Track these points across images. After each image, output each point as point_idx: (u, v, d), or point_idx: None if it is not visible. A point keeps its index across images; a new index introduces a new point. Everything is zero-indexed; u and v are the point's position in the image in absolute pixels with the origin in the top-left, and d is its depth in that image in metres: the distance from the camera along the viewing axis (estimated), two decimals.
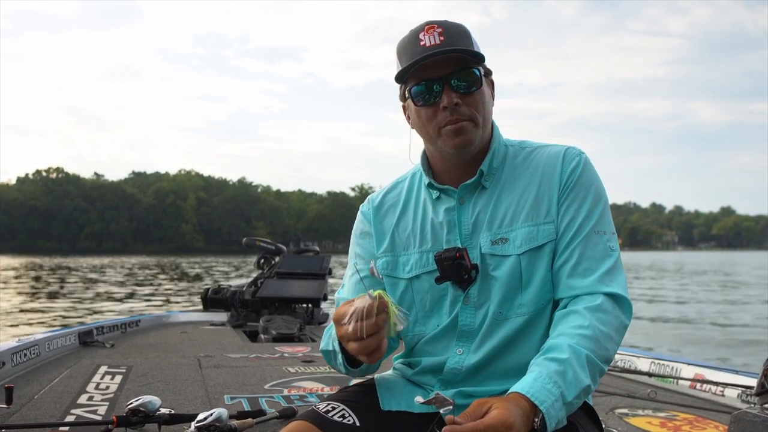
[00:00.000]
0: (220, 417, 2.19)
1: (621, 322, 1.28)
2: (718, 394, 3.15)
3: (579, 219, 1.33)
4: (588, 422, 1.33)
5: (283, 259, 6.97)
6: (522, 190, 1.37)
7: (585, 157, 1.38)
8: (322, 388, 3.26)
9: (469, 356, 1.35)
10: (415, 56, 1.30)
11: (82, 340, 4.43)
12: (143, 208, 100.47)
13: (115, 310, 13.33)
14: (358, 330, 1.13)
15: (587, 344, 1.20)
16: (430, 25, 1.32)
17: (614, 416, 2.81)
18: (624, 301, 1.29)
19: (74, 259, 54.22)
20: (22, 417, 2.57)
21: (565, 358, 1.17)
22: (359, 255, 1.51)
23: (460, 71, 1.32)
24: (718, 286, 23.61)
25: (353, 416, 1.30)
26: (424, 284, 1.40)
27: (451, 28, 1.33)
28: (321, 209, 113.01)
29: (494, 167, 1.40)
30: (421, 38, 1.31)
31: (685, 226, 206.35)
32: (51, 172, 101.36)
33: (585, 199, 1.34)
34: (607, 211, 1.37)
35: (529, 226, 1.33)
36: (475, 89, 1.33)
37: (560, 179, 1.35)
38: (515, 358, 1.33)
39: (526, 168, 1.39)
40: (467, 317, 1.36)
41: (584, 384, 1.16)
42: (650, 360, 3.68)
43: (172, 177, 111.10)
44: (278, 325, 5.38)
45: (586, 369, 1.18)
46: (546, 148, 1.42)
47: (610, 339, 1.24)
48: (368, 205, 1.53)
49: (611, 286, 1.28)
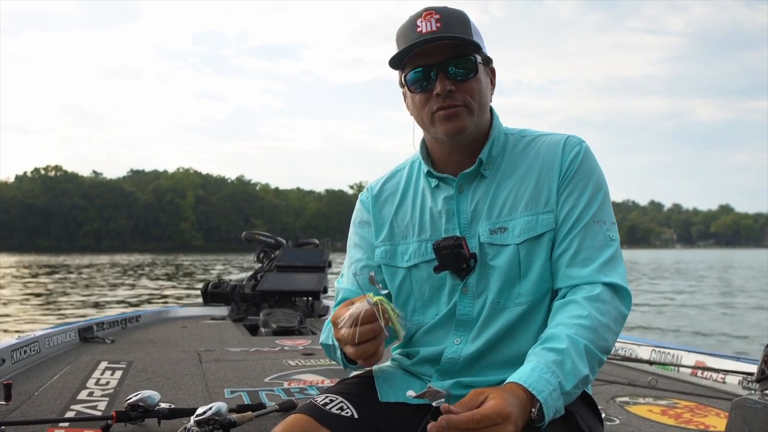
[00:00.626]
0: (219, 411, 2.18)
1: (620, 312, 1.27)
2: (719, 381, 3.15)
3: (579, 208, 1.32)
4: (587, 412, 1.32)
5: (282, 253, 6.96)
6: (521, 178, 1.36)
7: (586, 146, 1.37)
8: (322, 381, 3.25)
9: (467, 346, 1.34)
10: (411, 42, 1.29)
11: (82, 336, 4.42)
12: (142, 206, 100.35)
13: (114, 306, 13.34)
14: (352, 335, 1.14)
15: (586, 334, 1.19)
16: (428, 12, 1.31)
17: (615, 405, 2.80)
18: (623, 291, 1.28)
19: (72, 257, 54.07)
20: (22, 413, 2.56)
21: (564, 348, 1.16)
22: (357, 244, 1.50)
23: (456, 58, 1.30)
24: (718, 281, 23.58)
25: (351, 408, 1.30)
26: (422, 273, 1.39)
27: (450, 14, 1.31)
28: (319, 207, 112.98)
29: (494, 156, 1.39)
30: (419, 24, 1.30)
31: (684, 224, 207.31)
32: (50, 170, 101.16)
33: (585, 188, 1.33)
34: (607, 201, 1.36)
35: (528, 215, 1.32)
36: (472, 76, 1.32)
37: (560, 168, 1.34)
38: (513, 348, 1.32)
39: (526, 157, 1.38)
40: (465, 306, 1.35)
41: (582, 374, 1.15)
42: (651, 348, 3.68)
43: (170, 175, 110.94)
44: (278, 319, 5.37)
45: (584, 359, 1.17)
46: (546, 136, 1.41)
47: (609, 329, 1.23)
48: (367, 193, 1.53)
49: (610, 276, 1.27)
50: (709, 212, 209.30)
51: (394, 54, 1.33)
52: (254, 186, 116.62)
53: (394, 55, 1.33)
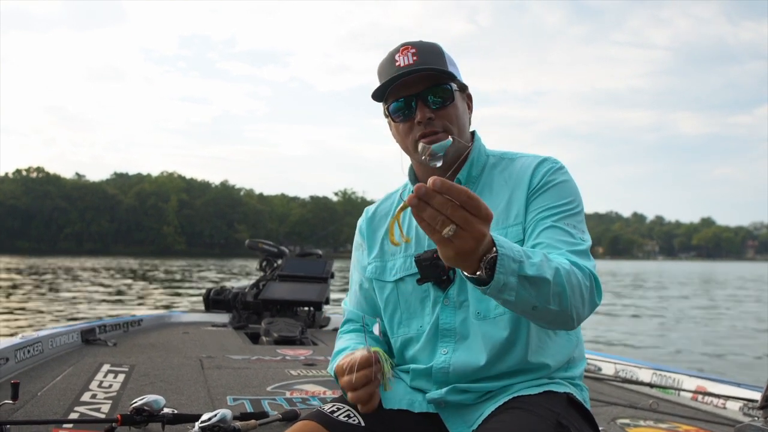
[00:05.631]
0: (224, 418, 2.20)
1: (591, 293, 1.25)
2: (719, 406, 3.15)
3: (549, 211, 1.36)
4: (584, 424, 1.35)
5: (285, 262, 6.98)
6: (495, 197, 1.43)
7: (560, 165, 1.44)
8: (324, 392, 3.26)
9: (454, 355, 1.40)
10: (391, 75, 1.39)
11: (84, 337, 4.44)
12: (124, 209, 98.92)
13: (97, 309, 13.22)
14: (351, 382, 1.31)
15: (561, 267, 1.18)
16: (404, 47, 1.42)
17: (615, 426, 2.81)
18: (596, 279, 1.28)
19: (55, 260, 53.57)
20: (26, 413, 2.58)
21: (537, 252, 1.17)
22: (355, 266, 1.65)
23: (433, 87, 1.40)
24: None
25: (358, 417, 1.35)
26: (408, 286, 1.48)
27: (424, 48, 1.42)
28: (303, 213, 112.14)
29: (473, 176, 1.48)
30: (397, 59, 1.41)
31: (666, 236, 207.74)
32: (31, 172, 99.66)
33: (553, 195, 1.38)
34: (579, 212, 1.39)
35: (498, 229, 1.39)
36: (449, 103, 1.41)
37: (530, 183, 1.41)
38: (501, 356, 1.36)
39: (503, 177, 1.46)
40: (447, 317, 1.42)
41: (545, 275, 1.13)
42: (651, 371, 3.69)
43: (154, 179, 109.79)
44: (280, 328, 5.38)
45: (552, 272, 1.16)
46: (525, 157, 1.48)
47: (581, 290, 1.21)
48: (363, 217, 1.66)
49: (584, 263, 1.27)
50: (691, 225, 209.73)
51: (377, 87, 1.43)
52: (238, 191, 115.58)
53: (377, 88, 1.43)
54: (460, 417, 1.39)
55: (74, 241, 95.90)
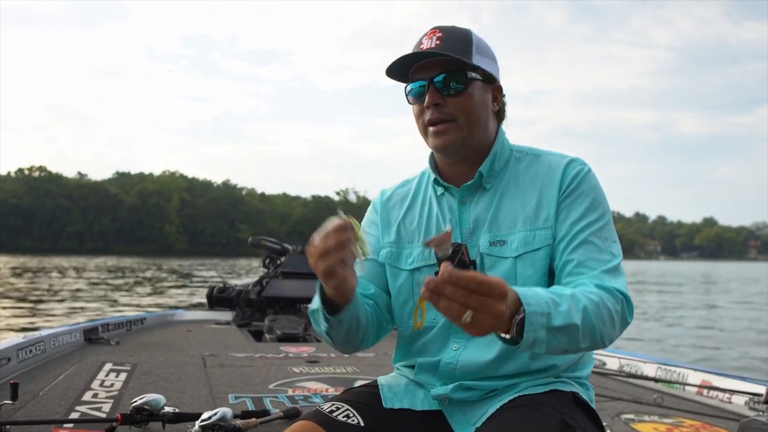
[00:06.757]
0: (224, 416, 2.19)
1: (623, 316, 1.26)
2: (725, 401, 3.13)
3: (580, 224, 1.34)
4: (588, 423, 1.33)
5: (288, 259, 6.97)
6: (523, 195, 1.40)
7: (588, 168, 1.42)
8: (326, 389, 3.25)
9: (465, 351, 1.37)
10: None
11: (87, 337, 4.43)
12: (126, 208, 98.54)
13: (106, 309, 13.27)
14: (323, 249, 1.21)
15: (588, 301, 1.18)
16: (433, 30, 1.40)
17: (620, 421, 2.79)
18: (627, 299, 1.28)
19: (57, 259, 53.57)
20: (27, 413, 2.57)
21: (564, 294, 1.16)
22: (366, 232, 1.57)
23: (448, 73, 1.37)
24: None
25: (357, 416, 1.32)
26: (423, 277, 1.42)
27: (451, 33, 1.39)
28: (305, 213, 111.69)
29: (495, 170, 1.44)
30: (423, 42, 1.39)
31: (668, 235, 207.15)
32: (33, 171, 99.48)
33: (586, 205, 1.36)
34: (609, 222, 1.38)
35: (526, 230, 1.36)
36: (461, 91, 1.37)
37: (560, 186, 1.38)
38: (510, 355, 1.34)
39: (529, 174, 1.42)
40: None
41: (573, 321, 1.13)
42: (656, 365, 3.67)
43: (156, 178, 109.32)
44: (283, 325, 5.38)
45: (580, 314, 1.15)
46: (551, 155, 1.45)
47: (611, 317, 1.22)
48: (379, 197, 1.61)
49: (615, 283, 1.28)
50: (693, 225, 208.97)
51: (391, 62, 1.40)
52: (240, 190, 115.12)
53: (391, 63, 1.40)
54: (464, 414, 1.37)
55: (76, 240, 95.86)
